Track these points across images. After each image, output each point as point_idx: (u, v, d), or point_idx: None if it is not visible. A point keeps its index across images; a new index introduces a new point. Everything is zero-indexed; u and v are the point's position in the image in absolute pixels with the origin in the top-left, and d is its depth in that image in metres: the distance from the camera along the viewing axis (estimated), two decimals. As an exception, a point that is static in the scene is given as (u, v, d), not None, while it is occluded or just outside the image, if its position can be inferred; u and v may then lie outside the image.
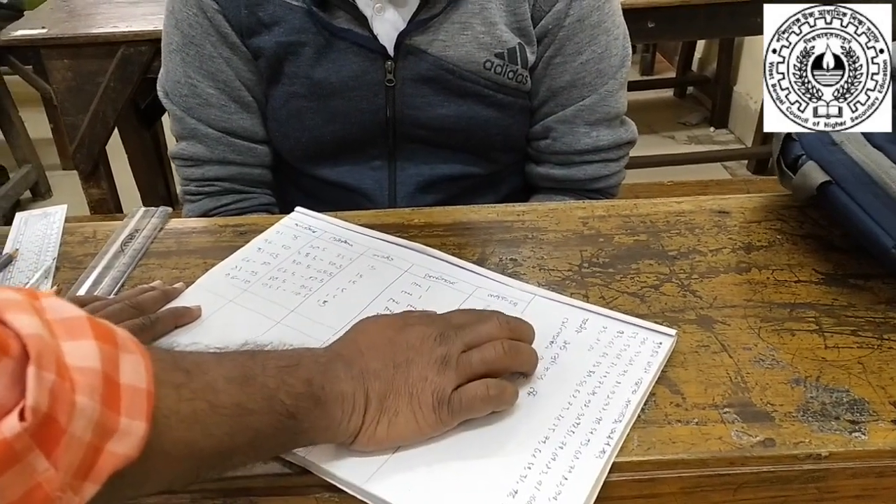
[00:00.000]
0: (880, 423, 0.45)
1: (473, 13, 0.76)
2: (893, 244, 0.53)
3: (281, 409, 0.38)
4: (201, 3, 0.75)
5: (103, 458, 0.30)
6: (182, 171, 0.84)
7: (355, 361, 0.43)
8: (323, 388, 0.40)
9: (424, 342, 0.44)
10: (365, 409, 0.41)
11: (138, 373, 0.32)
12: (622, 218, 0.67)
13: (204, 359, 0.37)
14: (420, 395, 0.42)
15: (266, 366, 0.39)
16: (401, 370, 0.43)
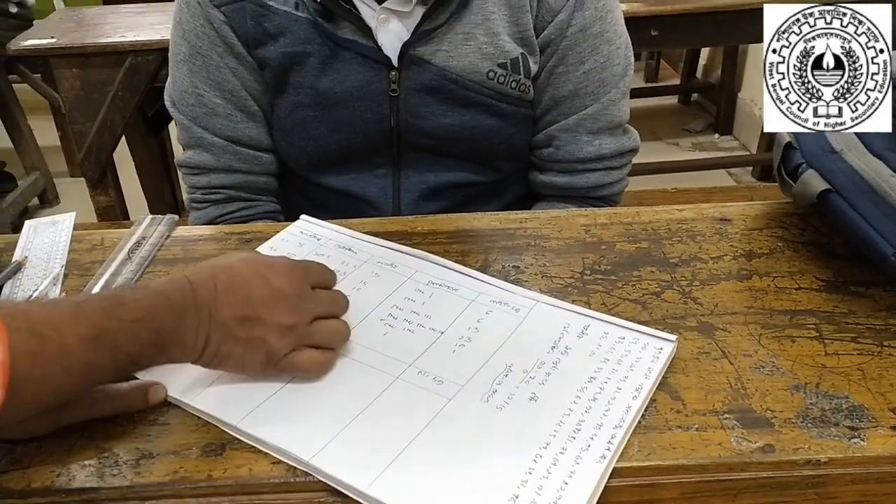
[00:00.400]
0: (879, 429, 0.45)
1: (477, 24, 0.77)
2: (893, 252, 0.53)
3: (125, 359, 0.43)
4: (208, 14, 0.77)
5: None
6: (188, 179, 0.85)
7: (205, 305, 0.46)
8: (170, 336, 0.45)
9: (279, 302, 0.48)
10: (202, 351, 0.47)
11: None
12: (624, 225, 0.68)
13: (61, 318, 0.40)
14: (254, 349, 0.47)
15: (121, 320, 0.43)
16: (245, 325, 0.47)
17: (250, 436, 0.45)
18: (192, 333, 0.46)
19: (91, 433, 0.46)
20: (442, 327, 0.54)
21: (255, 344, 0.47)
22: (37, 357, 0.38)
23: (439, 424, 0.45)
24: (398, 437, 0.44)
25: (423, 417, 0.46)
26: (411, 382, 0.49)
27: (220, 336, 0.47)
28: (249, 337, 0.47)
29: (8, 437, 0.45)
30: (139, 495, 0.43)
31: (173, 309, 0.45)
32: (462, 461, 0.43)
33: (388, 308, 0.56)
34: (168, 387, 0.49)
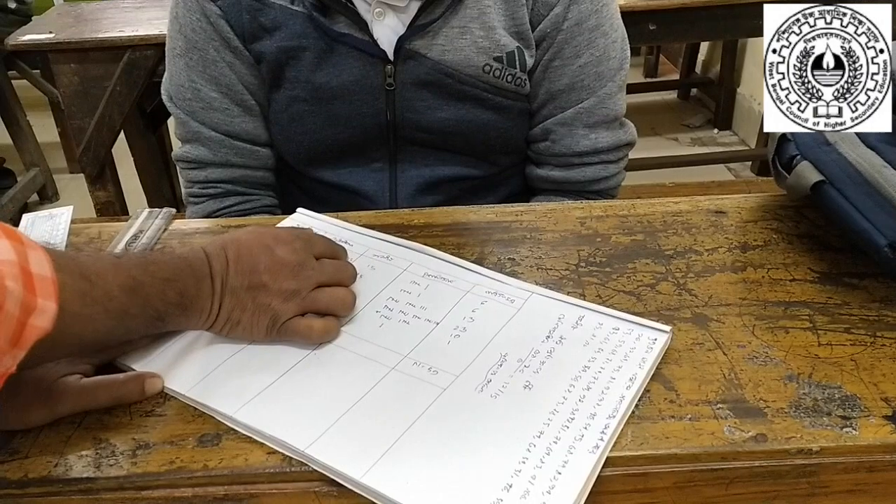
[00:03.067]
0: (871, 418, 0.45)
1: (472, 18, 0.77)
2: (886, 242, 0.53)
3: (154, 313, 0.47)
4: (204, 8, 0.77)
5: (28, 330, 0.37)
6: (185, 173, 0.85)
7: (218, 275, 0.51)
8: (191, 299, 0.49)
9: (282, 270, 0.52)
10: (216, 318, 0.51)
11: (42, 264, 0.39)
12: (619, 218, 0.68)
13: (105, 267, 0.45)
14: (260, 315, 0.51)
15: (154, 276, 0.47)
16: (252, 291, 0.51)
17: (246, 426, 0.45)
18: (209, 299, 0.50)
19: (88, 424, 0.47)
20: (437, 318, 0.54)
21: (261, 310, 0.51)
22: (85, 297, 0.42)
23: (434, 414, 0.46)
24: (393, 427, 0.45)
25: (418, 407, 0.46)
26: (406, 373, 0.49)
27: (231, 303, 0.51)
28: (256, 304, 0.51)
29: (5, 427, 0.45)
30: (136, 485, 0.43)
31: (195, 274, 0.50)
32: (456, 450, 0.43)
33: (384, 300, 0.56)
34: (164, 378, 0.49)
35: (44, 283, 0.39)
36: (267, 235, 0.54)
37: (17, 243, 0.38)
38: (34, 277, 0.38)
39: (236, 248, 0.52)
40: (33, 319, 0.37)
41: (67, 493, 0.43)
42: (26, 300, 0.37)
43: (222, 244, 0.53)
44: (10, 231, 0.39)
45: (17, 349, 0.37)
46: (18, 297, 0.36)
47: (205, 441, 0.45)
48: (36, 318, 0.38)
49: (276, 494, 0.43)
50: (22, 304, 0.37)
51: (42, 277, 0.39)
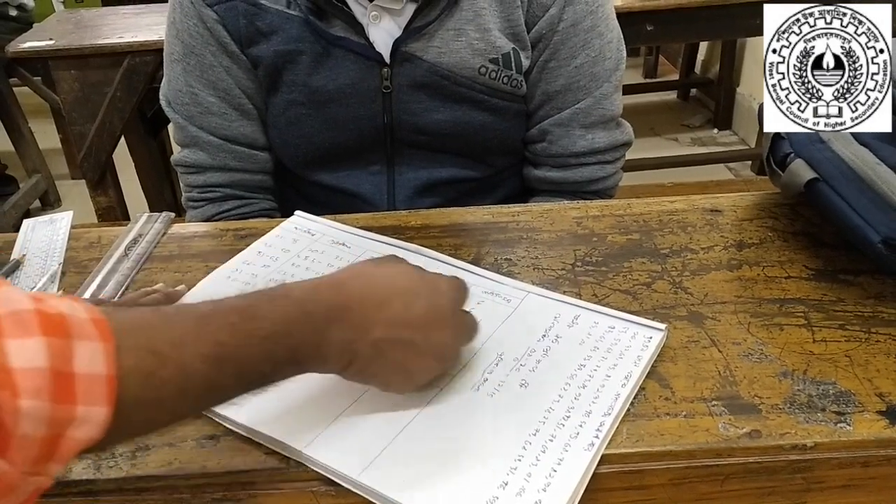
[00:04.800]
0: (866, 414, 0.46)
1: (468, 20, 0.77)
2: (879, 239, 0.53)
3: (257, 377, 0.39)
4: (201, 13, 0.77)
5: (65, 444, 0.31)
6: (184, 178, 0.85)
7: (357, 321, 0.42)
8: (309, 354, 0.41)
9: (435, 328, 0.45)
10: (348, 365, 0.43)
11: (95, 360, 0.32)
12: (616, 217, 0.68)
13: (185, 333, 0.37)
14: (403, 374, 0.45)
15: (252, 336, 0.38)
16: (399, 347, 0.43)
17: (244, 427, 0.46)
18: (336, 348, 0.42)
19: (87, 426, 0.47)
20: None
21: (406, 368, 0.44)
22: (151, 378, 0.35)
23: (430, 413, 0.46)
24: (389, 426, 0.45)
25: (415, 406, 0.46)
26: (403, 373, 0.49)
27: (369, 354, 0.43)
28: (400, 360, 0.44)
29: None
30: (135, 487, 0.44)
31: (314, 324, 0.41)
32: (453, 448, 0.43)
33: (381, 301, 0.57)
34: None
35: (93, 384, 0.32)
36: (423, 281, 0.47)
37: (57, 338, 0.31)
38: (76, 380, 0.31)
39: (386, 293, 0.44)
40: (72, 432, 0.31)
41: (67, 494, 0.44)
42: (57, 415, 0.30)
43: (368, 283, 0.44)
44: (54, 322, 0.31)
45: (52, 464, 0.31)
46: (42, 416, 0.30)
47: (203, 442, 0.46)
48: (76, 429, 0.31)
49: (274, 495, 0.44)
50: (50, 420, 0.30)
51: (91, 378, 0.32)
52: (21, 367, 0.30)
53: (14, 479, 0.30)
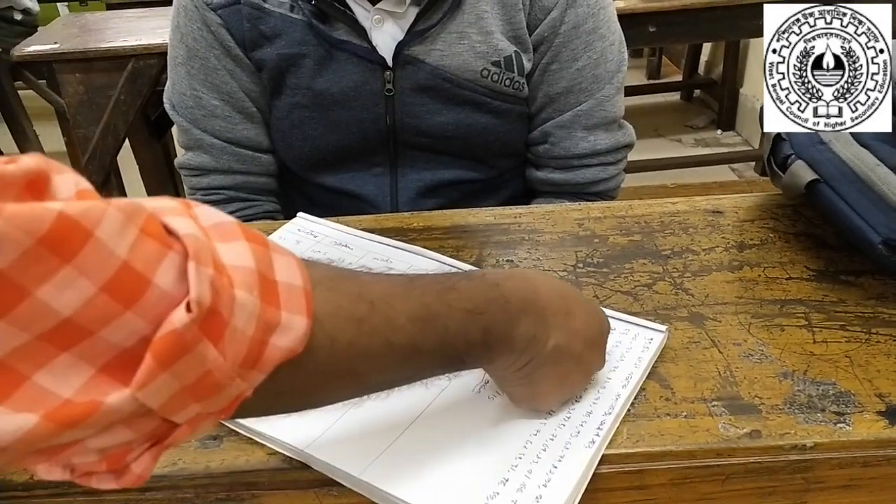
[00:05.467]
0: (865, 414, 0.46)
1: (470, 23, 0.77)
2: (880, 240, 0.54)
3: (452, 353, 0.39)
4: (205, 17, 0.78)
5: (269, 351, 0.31)
6: (188, 180, 0.86)
7: (547, 319, 0.42)
8: (500, 340, 0.40)
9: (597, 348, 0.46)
10: (521, 367, 0.42)
11: (291, 272, 0.32)
12: (617, 219, 0.69)
13: (392, 291, 0.37)
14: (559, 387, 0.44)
15: (453, 307, 0.38)
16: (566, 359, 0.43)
17: (247, 427, 0.46)
18: (523, 340, 0.41)
19: (92, 427, 0.47)
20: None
21: (564, 381, 0.44)
22: (363, 324, 0.35)
23: (432, 414, 0.46)
24: (391, 427, 0.45)
25: (416, 408, 0.47)
26: (405, 374, 0.50)
27: (542, 361, 0.42)
28: (563, 371, 0.44)
29: None
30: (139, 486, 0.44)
31: (508, 308, 0.41)
32: (454, 448, 0.44)
33: (383, 302, 0.57)
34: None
35: (292, 293, 0.32)
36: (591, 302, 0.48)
37: (259, 246, 0.31)
38: (279, 286, 0.31)
39: (573, 303, 0.44)
40: (276, 339, 0.31)
41: (72, 494, 0.44)
42: (265, 314, 0.30)
43: (558, 287, 0.45)
44: (254, 234, 0.32)
45: (255, 371, 0.31)
46: (253, 311, 0.30)
47: (206, 442, 0.46)
48: (279, 336, 0.31)
49: (276, 495, 0.44)
50: (259, 318, 0.30)
51: (290, 287, 0.32)
52: (232, 264, 0.30)
53: (224, 374, 0.29)
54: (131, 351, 0.27)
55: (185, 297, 0.27)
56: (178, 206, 0.30)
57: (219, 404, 0.30)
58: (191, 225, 0.29)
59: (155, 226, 0.28)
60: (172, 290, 0.27)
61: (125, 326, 0.26)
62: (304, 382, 0.34)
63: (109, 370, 0.27)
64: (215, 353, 0.28)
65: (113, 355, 0.27)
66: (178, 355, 0.27)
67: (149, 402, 0.27)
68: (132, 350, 0.27)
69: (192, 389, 0.28)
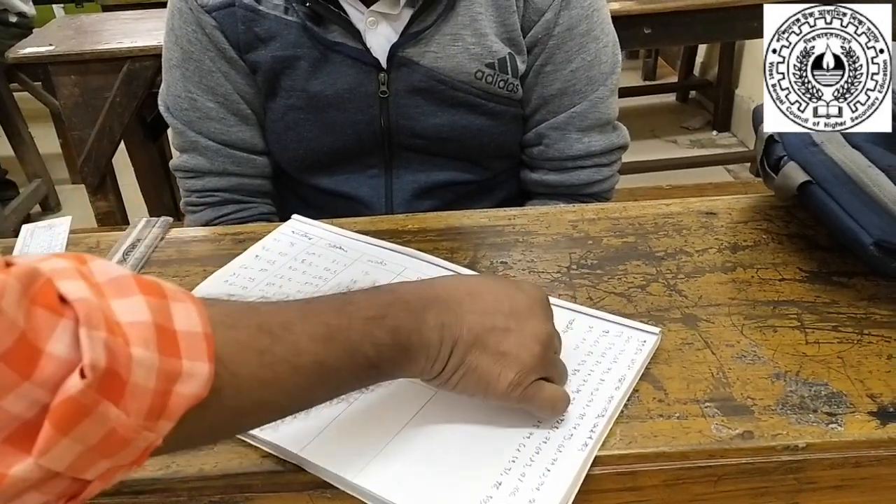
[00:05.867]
0: (857, 414, 0.46)
1: (464, 25, 0.78)
2: (872, 241, 0.54)
3: (363, 360, 0.39)
4: (200, 19, 0.78)
5: (174, 400, 0.31)
6: (183, 182, 0.86)
7: (451, 306, 0.43)
8: (410, 336, 0.41)
9: (532, 315, 0.45)
10: (449, 357, 0.42)
11: (191, 319, 0.33)
12: (611, 221, 0.69)
13: (290, 317, 0.38)
14: (504, 366, 0.43)
15: (353, 317, 0.39)
16: (496, 333, 0.43)
17: (241, 430, 0.46)
18: (437, 334, 0.41)
19: (86, 430, 0.47)
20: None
21: (507, 358, 0.43)
22: (265, 355, 0.36)
23: (425, 417, 0.46)
24: (385, 430, 0.45)
25: (410, 410, 0.47)
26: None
27: (468, 340, 0.42)
28: (500, 349, 0.43)
29: None
30: (132, 489, 0.44)
31: (409, 306, 0.42)
32: (447, 451, 0.44)
33: (378, 305, 0.57)
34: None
35: (192, 340, 0.32)
36: (509, 280, 0.47)
37: (155, 298, 0.32)
38: (178, 335, 0.32)
39: (474, 284, 0.45)
40: (179, 387, 0.31)
41: None
42: (165, 366, 0.31)
43: (454, 278, 0.46)
44: (150, 285, 0.32)
45: (162, 421, 0.31)
46: (152, 365, 0.30)
47: (200, 445, 0.46)
48: (183, 385, 0.31)
49: (270, 497, 0.44)
50: (159, 371, 0.31)
51: (190, 335, 0.32)
52: (128, 321, 0.30)
53: (129, 429, 0.30)
54: (33, 420, 0.28)
55: (80, 362, 0.28)
56: (71, 268, 0.31)
57: (129, 457, 0.31)
58: (83, 288, 0.30)
59: (48, 294, 0.29)
60: (67, 357, 0.28)
61: (25, 396, 0.27)
62: (214, 422, 0.35)
63: (12, 441, 0.28)
64: (117, 411, 0.29)
65: (15, 426, 0.28)
66: (77, 420, 0.28)
67: (54, 467, 0.28)
68: (34, 419, 0.28)
69: (99, 448, 0.29)
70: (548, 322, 0.46)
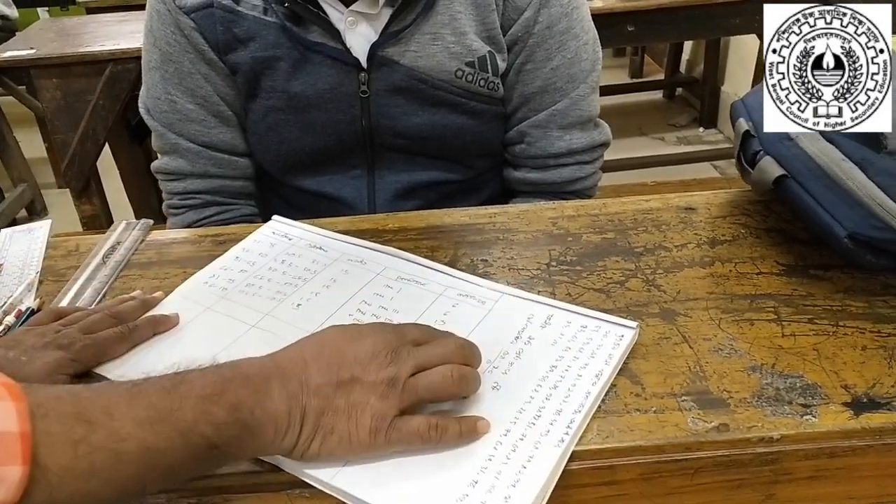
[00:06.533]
0: (831, 405, 0.46)
1: (444, 24, 0.78)
2: (846, 234, 0.54)
3: (200, 441, 0.38)
4: (178, 21, 0.78)
5: None
6: (165, 185, 0.86)
7: (295, 375, 0.42)
8: (252, 411, 0.40)
9: (374, 360, 0.43)
10: (301, 426, 0.41)
11: (6, 417, 0.31)
12: (591, 217, 0.69)
13: (113, 402, 0.36)
14: (359, 417, 0.42)
15: (185, 397, 0.38)
16: (343, 389, 0.42)
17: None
18: (284, 405, 0.41)
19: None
20: (410, 321, 0.55)
21: (358, 409, 0.42)
22: (80, 445, 0.34)
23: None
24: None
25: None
26: (377, 375, 0.50)
27: (318, 405, 0.41)
28: (350, 402, 0.42)
29: None
30: None
31: (249, 381, 0.40)
32: (424, 451, 0.44)
33: (357, 303, 0.57)
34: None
35: (5, 442, 0.31)
36: (351, 329, 0.46)
37: None
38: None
39: (316, 346, 0.44)
40: None
41: None
42: None
43: (298, 345, 0.45)
44: None
45: None
46: None
47: (178, 447, 0.46)
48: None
49: (249, 498, 0.44)
50: None
51: (4, 436, 0.31)
52: None
53: None
54: None
55: None
56: None
57: None
58: None
59: None
60: None
61: None
62: None
63: None
64: None
65: None
66: None
67: None
68: None
69: None
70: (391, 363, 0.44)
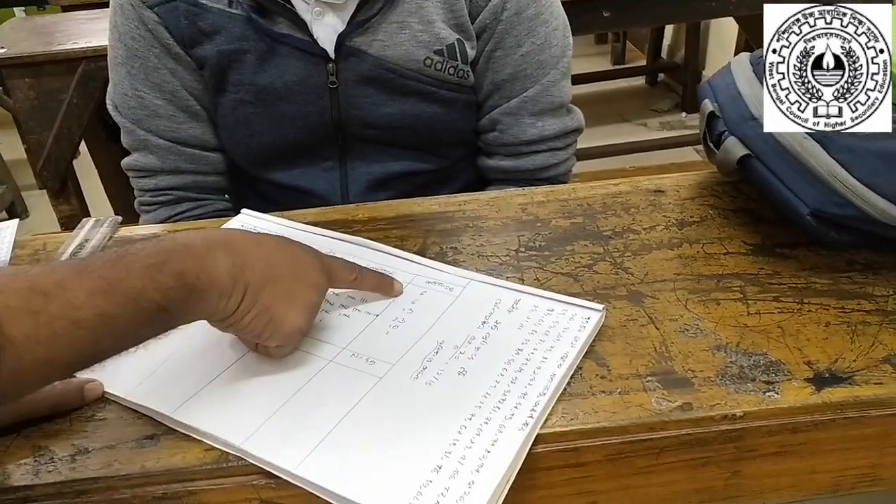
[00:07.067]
0: (794, 381, 0.47)
1: (410, 12, 0.77)
2: (808, 211, 0.55)
3: (150, 305, 0.40)
4: (142, 15, 0.77)
5: None
6: (136, 182, 0.85)
7: (241, 251, 0.45)
8: (198, 276, 0.42)
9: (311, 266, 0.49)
10: (242, 299, 0.44)
11: None
12: (560, 202, 0.69)
13: (64, 276, 0.39)
14: (294, 309, 0.47)
15: (131, 267, 0.40)
16: (284, 280, 0.46)
17: (184, 424, 0.46)
18: (228, 272, 0.43)
19: (27, 433, 0.47)
20: (377, 310, 0.55)
21: (297, 302, 0.47)
22: (40, 315, 0.37)
23: (369, 403, 0.46)
24: (327, 418, 0.45)
25: (354, 397, 0.47)
26: (344, 364, 0.50)
27: (258, 284, 0.45)
28: (287, 289, 0.46)
29: None
30: (74, 490, 0.44)
31: (191, 250, 0.43)
32: (390, 437, 0.44)
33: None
34: (105, 383, 0.50)
35: None
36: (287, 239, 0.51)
37: None
38: None
39: (257, 236, 0.48)
40: None
41: (6, 501, 0.43)
42: None
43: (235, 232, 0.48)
44: None
45: None
46: None
47: (143, 442, 0.46)
48: None
49: (214, 490, 0.44)
50: None
51: None
52: None
53: None
54: None
55: None
56: None
57: None
58: None
59: None
60: None
61: None
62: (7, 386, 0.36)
63: None
64: None
65: None
66: None
67: None
68: None
69: None
70: (319, 272, 0.50)
